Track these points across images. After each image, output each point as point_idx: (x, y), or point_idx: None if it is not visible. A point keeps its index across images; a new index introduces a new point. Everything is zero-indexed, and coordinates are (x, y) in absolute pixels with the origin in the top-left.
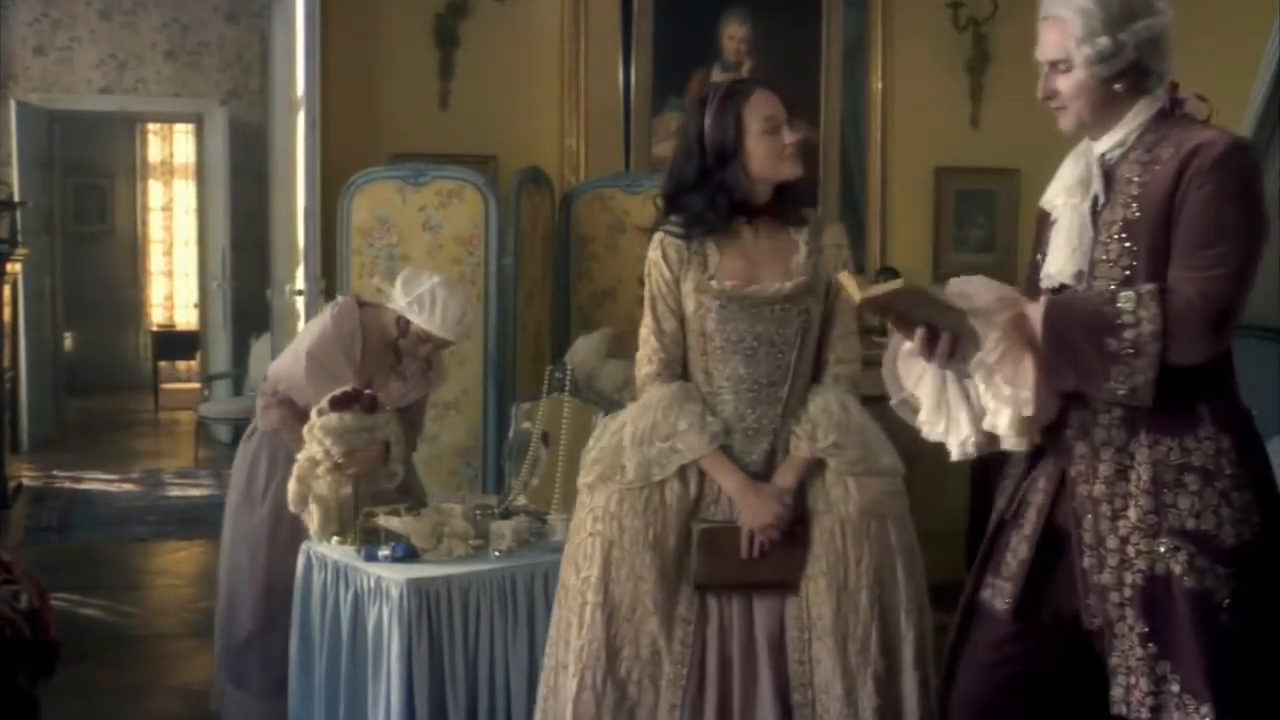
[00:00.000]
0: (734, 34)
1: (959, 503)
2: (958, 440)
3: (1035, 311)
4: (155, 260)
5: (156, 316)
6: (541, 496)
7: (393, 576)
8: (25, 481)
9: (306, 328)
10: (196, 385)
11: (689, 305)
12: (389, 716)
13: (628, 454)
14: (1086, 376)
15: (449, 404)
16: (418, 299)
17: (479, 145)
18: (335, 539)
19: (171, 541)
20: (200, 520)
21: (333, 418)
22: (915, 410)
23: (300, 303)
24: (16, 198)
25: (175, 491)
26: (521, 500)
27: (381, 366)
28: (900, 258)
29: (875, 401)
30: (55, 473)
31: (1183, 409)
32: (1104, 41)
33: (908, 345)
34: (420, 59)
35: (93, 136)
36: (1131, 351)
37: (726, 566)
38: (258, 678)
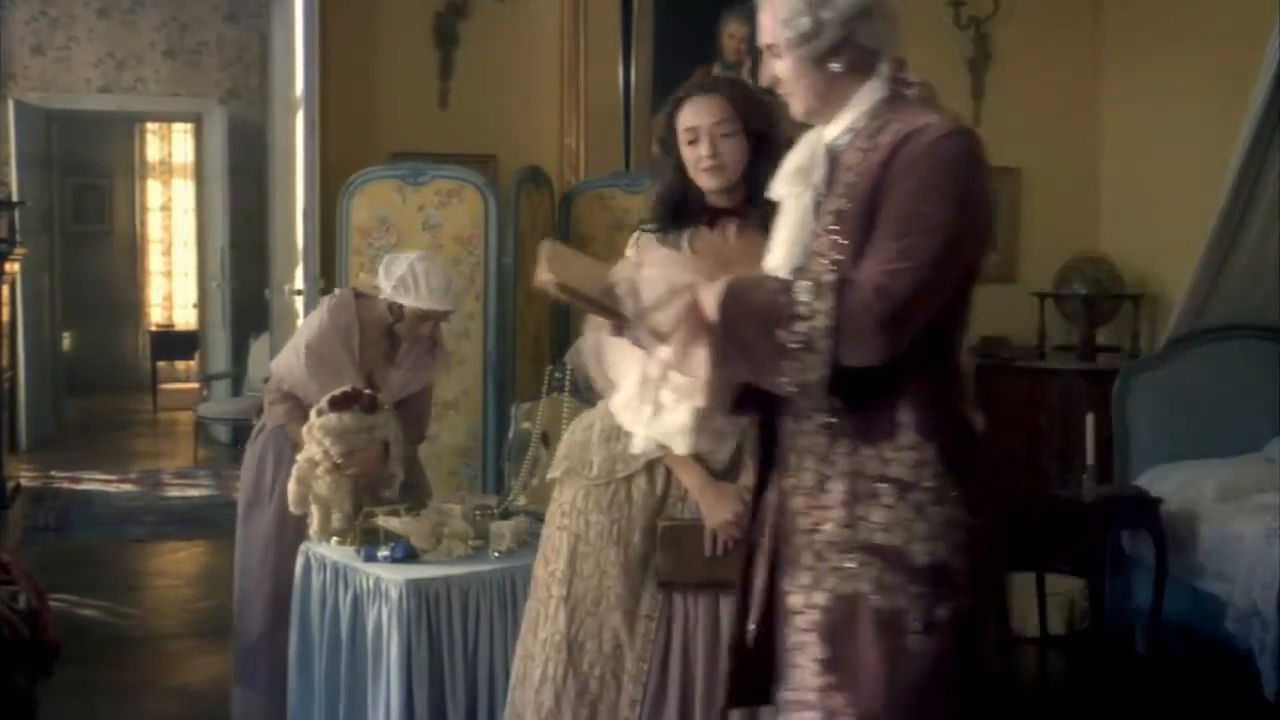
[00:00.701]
0: (734, 33)
1: None
2: (639, 439)
3: (710, 298)
4: (154, 260)
5: (155, 316)
6: (541, 497)
7: (392, 577)
8: (24, 482)
9: (305, 322)
10: (195, 385)
11: None
12: (388, 717)
13: (595, 450)
14: (758, 369)
15: (449, 404)
16: (400, 281)
17: (478, 145)
18: (334, 539)
19: (170, 542)
20: (199, 520)
21: (331, 418)
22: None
23: (299, 302)
24: (15, 197)
25: (174, 492)
26: (521, 500)
27: (381, 357)
28: None
29: None
30: (54, 473)
31: (884, 414)
32: (804, 21)
33: None
34: (420, 58)
35: (91, 136)
36: (802, 346)
37: (690, 565)
38: (266, 676)
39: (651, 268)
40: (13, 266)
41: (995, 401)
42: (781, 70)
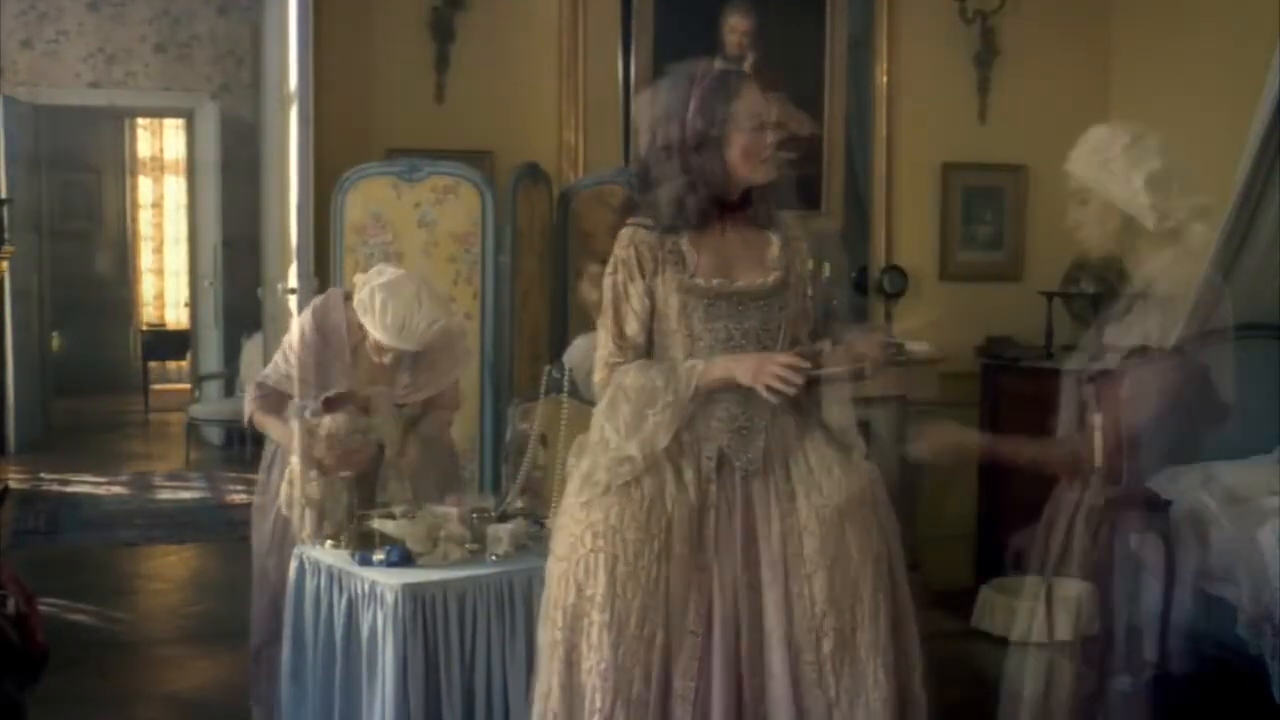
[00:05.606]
0: (736, 26)
1: (967, 507)
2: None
3: None
4: (145, 258)
5: (146, 315)
6: (539, 499)
7: (387, 581)
8: (12, 484)
9: (295, 321)
10: (187, 386)
11: (673, 305)
12: None
13: (625, 448)
14: None
15: None
16: (360, 301)
17: (475, 140)
18: (329, 543)
19: (161, 546)
20: (190, 524)
21: (325, 419)
22: None
23: (293, 301)
24: (3, 194)
25: (165, 495)
26: (519, 503)
27: (389, 362)
28: (906, 256)
29: (874, 402)
30: (42, 475)
31: None
32: None
33: None
34: (416, 52)
35: (81, 131)
36: None
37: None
38: (267, 693)
39: None
40: (0, 265)
41: (1001, 401)
42: None
